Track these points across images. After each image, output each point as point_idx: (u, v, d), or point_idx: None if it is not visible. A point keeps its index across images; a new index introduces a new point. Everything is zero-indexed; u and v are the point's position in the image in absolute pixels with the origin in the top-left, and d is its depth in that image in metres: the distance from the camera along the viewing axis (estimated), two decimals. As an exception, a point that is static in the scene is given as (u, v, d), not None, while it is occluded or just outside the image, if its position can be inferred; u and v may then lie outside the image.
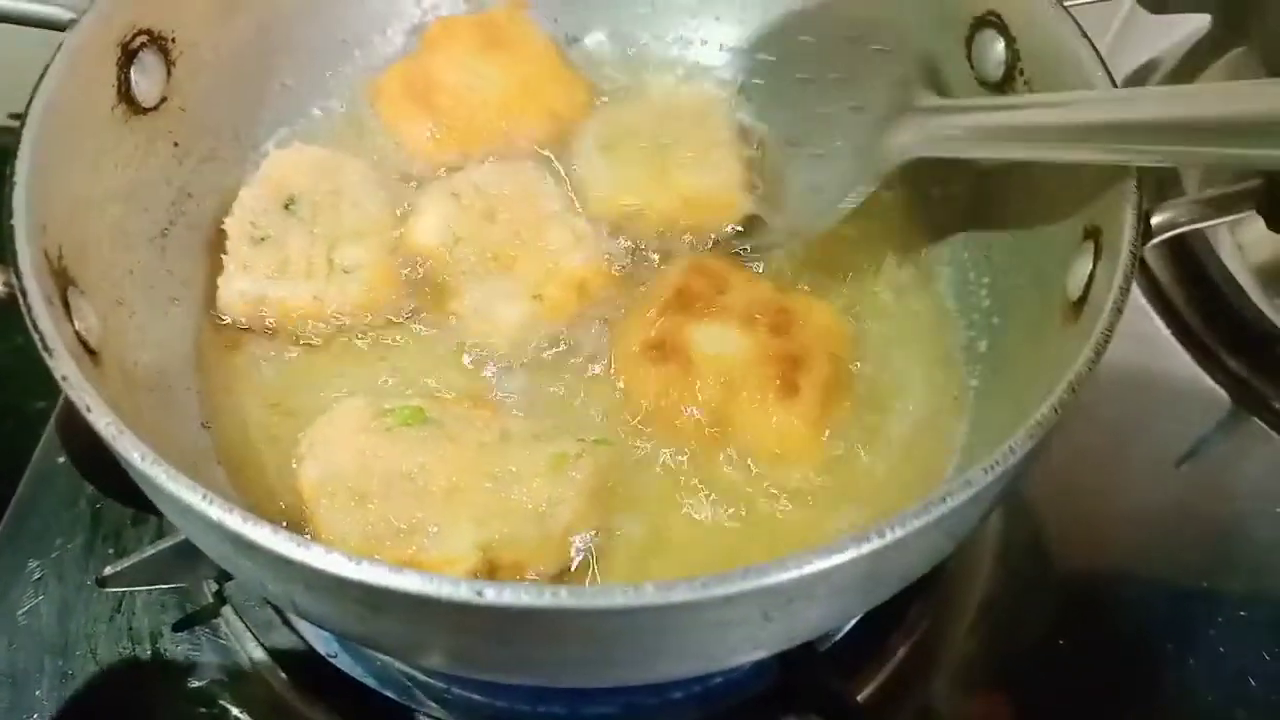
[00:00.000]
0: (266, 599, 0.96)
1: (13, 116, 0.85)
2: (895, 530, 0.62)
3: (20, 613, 0.99)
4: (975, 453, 0.91)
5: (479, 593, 0.60)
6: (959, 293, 1.03)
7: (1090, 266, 0.81)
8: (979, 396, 0.96)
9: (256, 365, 0.96)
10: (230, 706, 0.94)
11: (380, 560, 0.61)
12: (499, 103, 1.09)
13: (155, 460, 0.66)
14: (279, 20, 1.09)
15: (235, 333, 0.97)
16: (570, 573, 0.84)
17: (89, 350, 0.78)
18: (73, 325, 0.77)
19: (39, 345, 0.71)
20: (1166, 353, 1.15)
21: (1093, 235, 0.83)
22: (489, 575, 0.79)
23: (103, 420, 0.68)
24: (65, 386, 0.69)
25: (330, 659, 0.95)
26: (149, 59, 0.94)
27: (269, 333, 0.97)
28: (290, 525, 0.81)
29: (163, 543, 0.89)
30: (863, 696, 0.95)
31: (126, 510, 1.04)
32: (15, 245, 0.75)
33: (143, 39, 0.93)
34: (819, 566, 0.61)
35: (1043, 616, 1.00)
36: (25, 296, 0.72)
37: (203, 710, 0.94)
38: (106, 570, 0.89)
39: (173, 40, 0.96)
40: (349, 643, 0.96)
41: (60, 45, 0.86)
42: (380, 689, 0.94)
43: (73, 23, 0.87)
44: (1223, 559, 1.03)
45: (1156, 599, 1.01)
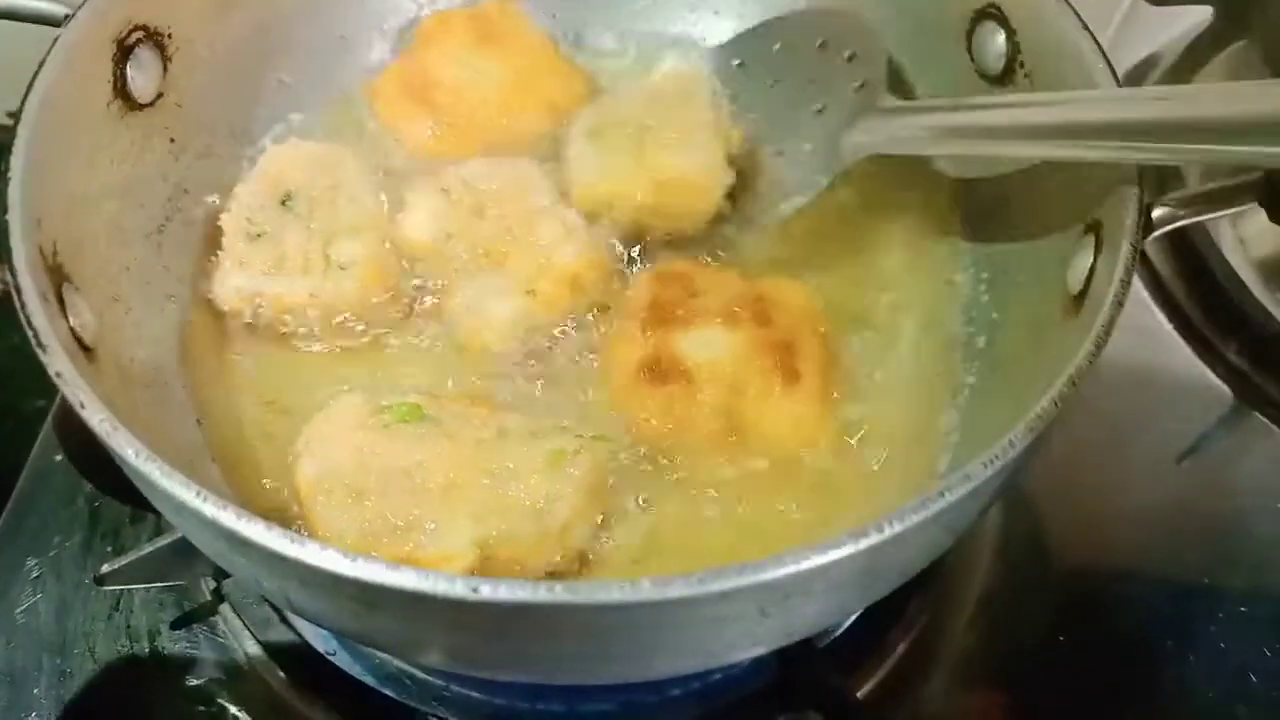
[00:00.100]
0: (263, 596, 0.96)
1: (11, 115, 0.85)
2: (893, 525, 0.62)
3: (18, 611, 0.99)
4: (968, 449, 0.91)
5: (475, 589, 0.59)
6: (957, 289, 1.02)
7: (1091, 260, 0.81)
8: (975, 393, 0.96)
9: (252, 361, 0.96)
10: (228, 704, 0.94)
11: (375, 557, 0.61)
12: (498, 97, 1.08)
13: (149, 457, 0.66)
14: (276, 16, 1.09)
15: (231, 329, 0.97)
16: (568, 570, 0.83)
17: (84, 347, 0.78)
18: (67, 322, 0.77)
19: (33, 342, 0.71)
20: (1167, 347, 1.15)
21: (1093, 229, 0.82)
22: (486, 572, 0.79)
23: (96, 417, 0.68)
24: (59, 383, 0.69)
25: (328, 657, 0.95)
26: (145, 55, 0.94)
27: (265, 329, 0.97)
28: (285, 522, 0.80)
29: (161, 540, 0.89)
30: (862, 693, 0.95)
31: (124, 508, 1.04)
32: (10, 241, 0.74)
33: (138, 35, 0.93)
34: (816, 562, 0.60)
35: (1043, 612, 1.00)
36: (20, 293, 0.72)
37: (201, 708, 0.94)
38: (104, 568, 0.89)
39: (169, 36, 0.96)
40: (347, 640, 0.95)
41: (56, 41, 0.85)
42: (378, 687, 0.94)
43: (68, 18, 0.87)
44: (1223, 555, 1.03)
45: (1157, 595, 1.01)
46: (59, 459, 1.07)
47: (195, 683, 0.95)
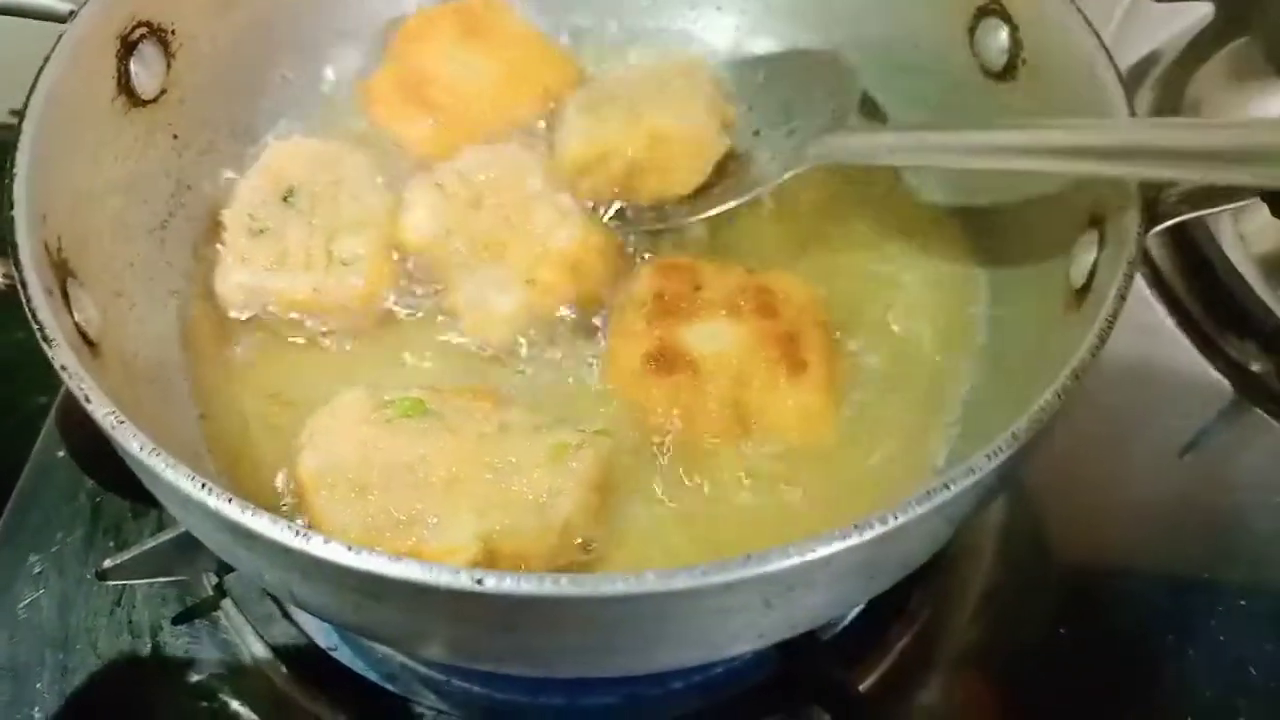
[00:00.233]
0: (265, 590, 0.96)
1: (13, 113, 0.85)
2: (897, 517, 0.62)
3: (20, 606, 0.99)
4: (968, 442, 0.91)
5: (479, 581, 0.59)
6: (958, 283, 1.02)
7: (1094, 254, 0.81)
8: (976, 386, 0.96)
9: (255, 357, 0.96)
10: (230, 700, 0.94)
11: (379, 550, 0.61)
12: (492, 90, 1.08)
13: (155, 450, 0.66)
14: (277, 13, 1.08)
15: (234, 325, 0.97)
16: (571, 563, 0.83)
17: (88, 342, 0.78)
18: (72, 317, 0.77)
19: (39, 336, 0.71)
20: (1168, 342, 1.15)
21: (1097, 223, 0.82)
22: (489, 566, 0.79)
23: (102, 410, 0.68)
24: (65, 377, 0.69)
25: (330, 652, 0.95)
26: (149, 51, 0.94)
27: (268, 325, 0.97)
28: (288, 517, 0.80)
29: (163, 536, 0.89)
30: (864, 687, 0.95)
31: (126, 504, 1.04)
32: (15, 236, 0.75)
33: (142, 31, 0.93)
34: (820, 553, 0.61)
35: (1043, 606, 1.00)
36: (25, 288, 0.72)
37: (203, 704, 0.94)
38: (106, 563, 0.89)
39: (172, 32, 0.96)
40: (349, 635, 0.96)
41: (61, 37, 0.86)
42: (380, 681, 0.94)
43: (72, 15, 0.87)
44: (1223, 549, 1.03)
45: (1157, 589, 1.01)
46: (61, 455, 1.07)
47: (197, 678, 0.95)
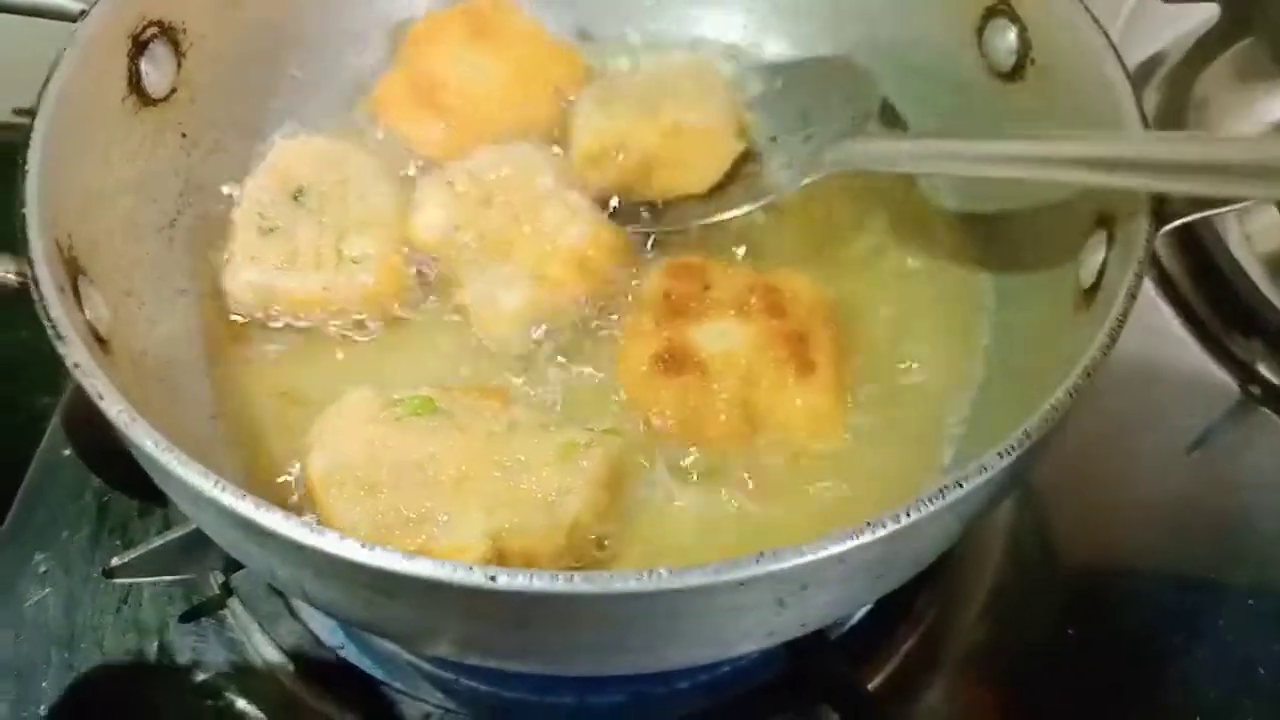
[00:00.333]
0: (274, 587, 0.96)
1: (17, 111, 0.85)
2: (910, 514, 0.62)
3: (27, 605, 0.98)
4: (974, 442, 0.91)
5: (492, 578, 0.60)
6: (966, 283, 1.02)
7: (1103, 254, 0.81)
8: (983, 386, 0.96)
9: (265, 356, 0.96)
10: (236, 698, 0.94)
11: (392, 547, 0.61)
12: (502, 90, 1.08)
13: (168, 447, 0.66)
14: (287, 12, 1.09)
15: (243, 324, 0.97)
16: (580, 562, 0.83)
17: (99, 339, 0.78)
18: (83, 314, 0.77)
19: (51, 333, 0.71)
20: (1174, 342, 1.15)
21: (1105, 223, 0.83)
22: (498, 564, 0.78)
23: (115, 408, 0.68)
24: (77, 374, 0.69)
25: (337, 650, 0.95)
26: (159, 50, 0.94)
27: (277, 323, 0.97)
28: (299, 514, 0.80)
29: (170, 534, 0.89)
30: (872, 686, 0.95)
31: (133, 503, 1.04)
32: (28, 234, 0.75)
33: (153, 30, 0.93)
34: (833, 551, 0.61)
35: (1050, 606, 1.00)
36: (38, 285, 0.72)
37: (209, 702, 0.94)
38: (114, 561, 0.89)
39: (183, 31, 0.97)
40: (356, 634, 0.96)
41: (72, 36, 0.86)
42: (387, 680, 0.94)
43: (84, 14, 0.87)
44: (1230, 549, 1.03)
45: (1164, 589, 1.01)
46: (67, 454, 1.07)
47: (203, 677, 0.95)
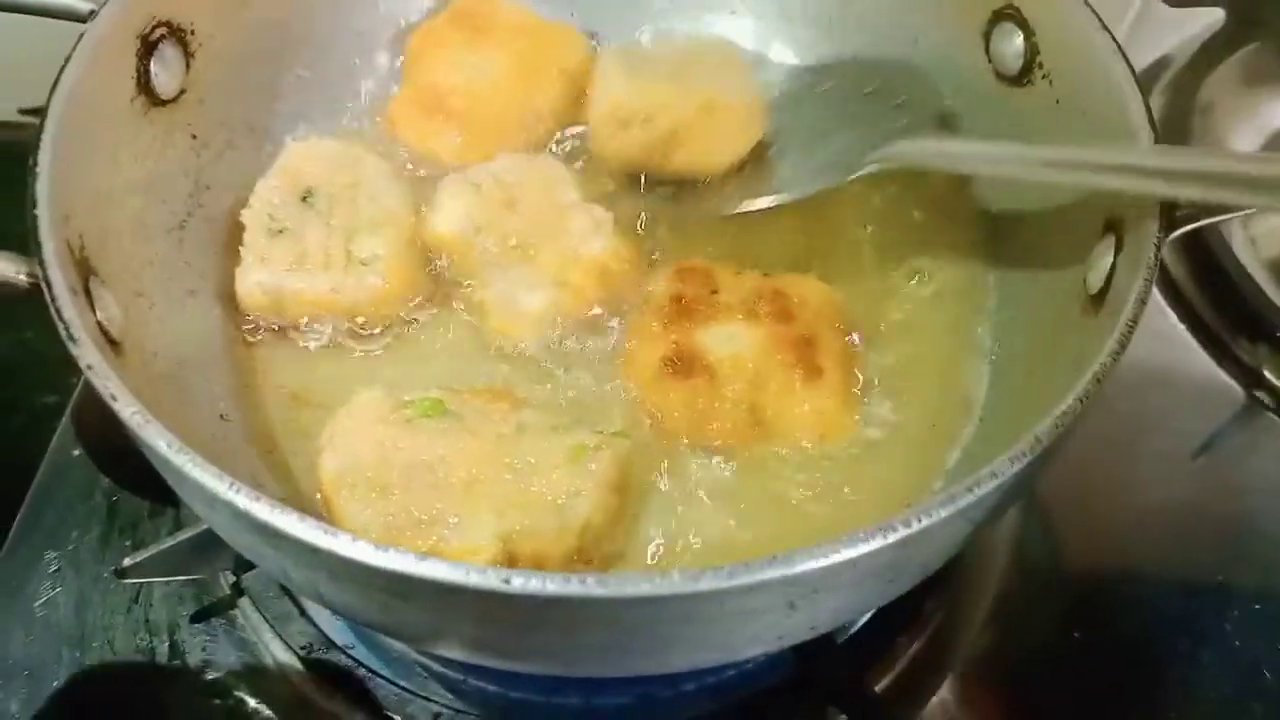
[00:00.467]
0: (285, 588, 0.97)
1: (24, 111, 0.86)
2: (921, 519, 0.62)
3: (37, 604, 0.99)
4: (981, 446, 0.92)
5: (507, 580, 0.60)
6: (974, 289, 1.02)
7: (1111, 259, 0.82)
8: (990, 390, 0.96)
9: (276, 357, 0.97)
10: (247, 698, 0.95)
11: (406, 549, 0.61)
12: (509, 83, 1.09)
13: (181, 449, 0.66)
14: (295, 13, 1.09)
15: (254, 324, 0.98)
16: (589, 564, 0.83)
17: (111, 341, 0.78)
18: (95, 316, 0.77)
19: (64, 334, 0.71)
20: (1180, 347, 1.16)
21: (1114, 228, 0.83)
22: (509, 566, 0.79)
23: (128, 409, 0.68)
24: (90, 375, 0.69)
25: (347, 650, 0.95)
26: (168, 51, 0.94)
27: (288, 325, 0.97)
28: (312, 516, 0.81)
29: (181, 535, 0.90)
30: (878, 688, 0.95)
31: (142, 503, 1.05)
32: (39, 235, 0.75)
33: (162, 31, 0.93)
34: (846, 555, 0.61)
35: (1056, 610, 1.01)
36: (50, 286, 0.73)
37: (219, 701, 0.95)
38: (125, 561, 0.90)
39: (191, 32, 0.97)
40: (366, 634, 0.96)
41: (81, 37, 0.86)
42: (396, 680, 0.95)
43: (93, 14, 0.88)
44: (1237, 553, 1.04)
45: (1170, 593, 1.01)
46: (77, 454, 1.08)
47: (214, 676, 0.96)
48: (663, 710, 0.95)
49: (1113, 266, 0.81)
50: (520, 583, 0.60)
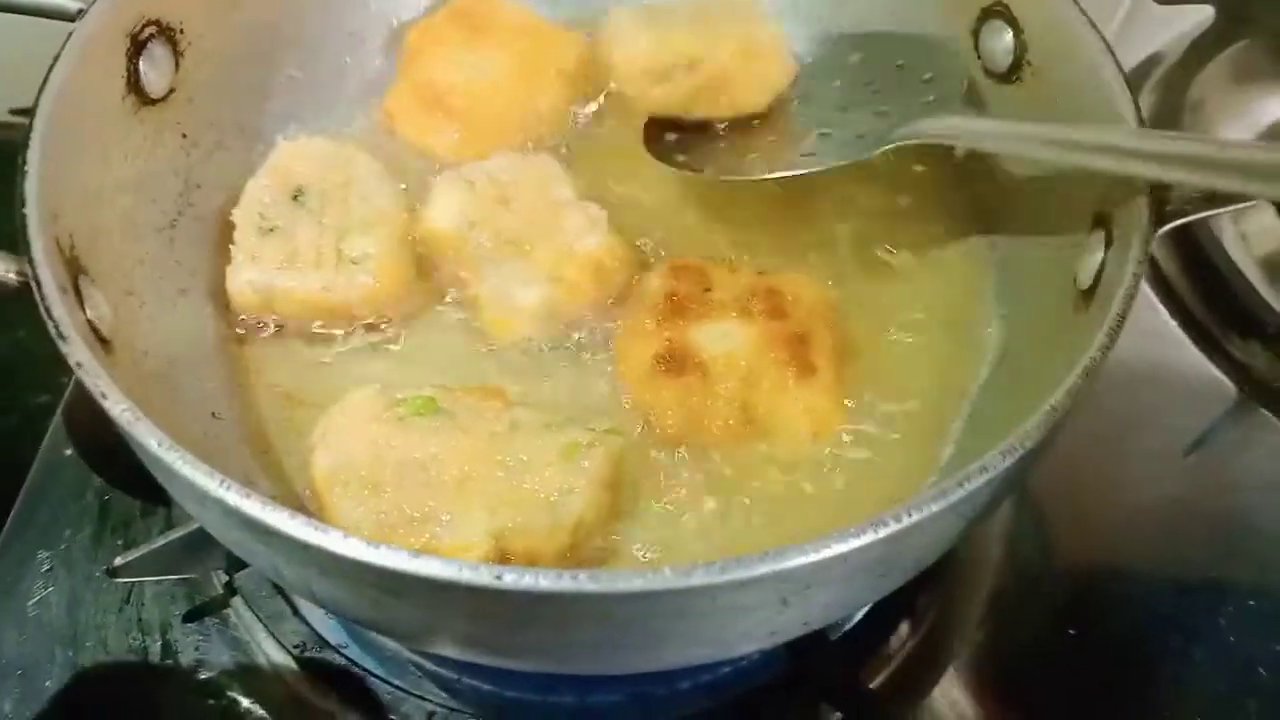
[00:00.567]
0: (279, 587, 0.96)
1: (14, 111, 0.85)
2: (912, 514, 0.62)
3: (30, 604, 0.99)
4: (973, 442, 0.91)
5: (498, 577, 0.60)
6: (967, 285, 1.02)
7: (1101, 254, 0.82)
8: (983, 388, 0.96)
9: (268, 356, 0.96)
10: (240, 697, 0.95)
11: (398, 546, 0.61)
12: (509, 84, 1.09)
13: (171, 446, 0.66)
14: (285, 12, 1.09)
15: (245, 323, 0.98)
16: (582, 562, 0.84)
17: (101, 339, 0.78)
18: (85, 314, 0.77)
19: (53, 333, 0.71)
20: (1172, 343, 1.16)
21: (1103, 223, 0.83)
22: (501, 563, 0.79)
23: (118, 407, 0.68)
24: (80, 373, 0.69)
25: (341, 649, 0.95)
26: (158, 50, 0.94)
27: (278, 323, 0.97)
28: (304, 513, 0.81)
29: (173, 534, 0.90)
30: (873, 685, 0.95)
31: (134, 502, 1.05)
32: (29, 234, 0.75)
33: (151, 30, 0.93)
34: (837, 550, 0.61)
35: (1050, 607, 1.01)
36: (39, 285, 0.73)
37: (212, 701, 0.94)
38: (117, 561, 0.89)
39: (181, 31, 0.97)
40: (359, 633, 0.96)
41: (70, 36, 0.86)
42: (389, 679, 0.95)
43: (82, 13, 0.88)
44: (1230, 549, 1.04)
45: (1164, 590, 1.01)
46: (69, 453, 1.08)
47: (207, 676, 0.96)
48: (657, 708, 0.95)
49: (1102, 262, 0.81)
50: (512, 579, 0.60)
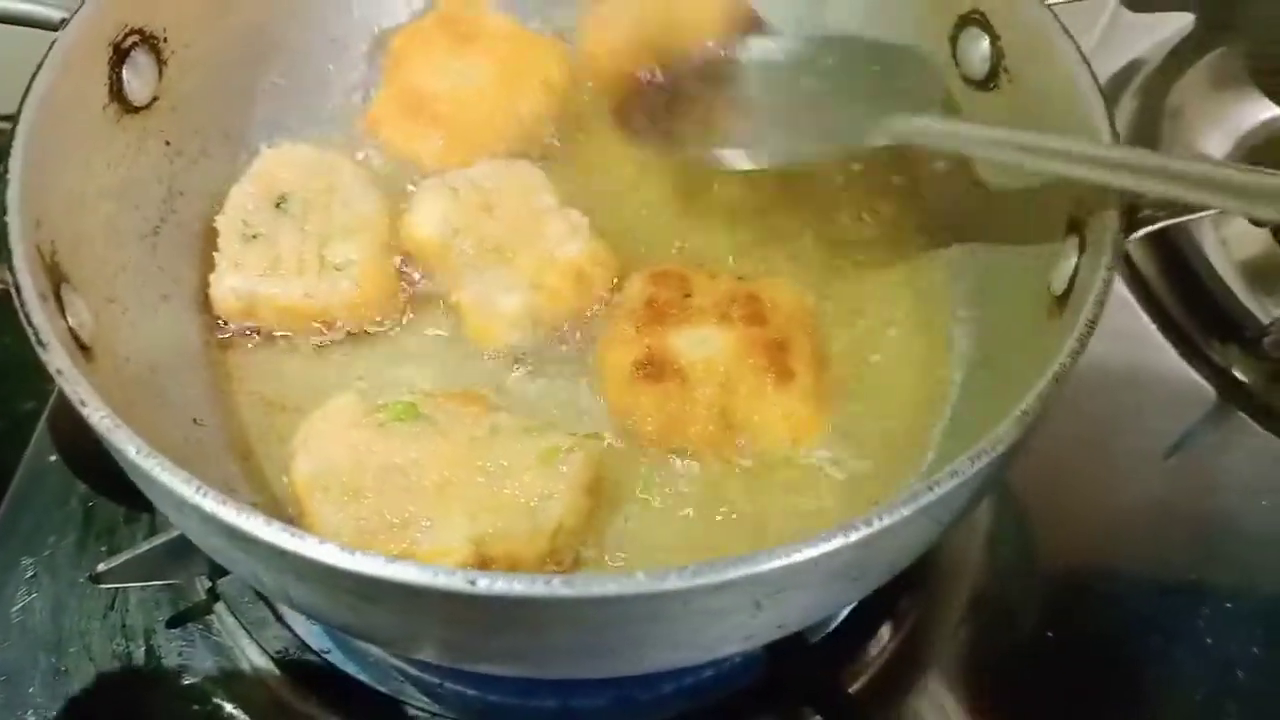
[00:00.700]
0: (260, 592, 0.97)
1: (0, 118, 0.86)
2: (883, 519, 0.63)
3: (14, 610, 0.99)
4: (954, 445, 0.92)
5: (472, 582, 0.60)
6: (943, 292, 1.03)
7: (1075, 260, 0.82)
8: (962, 393, 0.97)
9: (250, 362, 0.97)
10: (223, 703, 0.95)
11: (374, 551, 0.62)
12: (492, 91, 1.09)
13: (150, 453, 0.66)
14: (269, 20, 1.09)
15: (227, 330, 0.98)
16: (562, 566, 0.84)
17: (82, 346, 0.79)
18: (66, 321, 0.77)
19: (33, 340, 0.71)
20: (1151, 347, 1.16)
21: (1076, 229, 0.84)
22: (481, 569, 0.79)
23: (97, 414, 0.68)
24: (60, 380, 0.70)
25: (324, 655, 0.96)
26: (141, 58, 0.94)
27: (261, 330, 0.98)
28: (285, 520, 0.81)
29: (156, 540, 0.89)
30: (853, 689, 0.96)
31: (119, 508, 1.05)
32: (9, 241, 0.75)
33: (134, 38, 0.93)
34: (808, 555, 0.61)
35: (1031, 609, 1.01)
36: (20, 292, 0.73)
37: (196, 707, 0.94)
38: (101, 566, 0.89)
39: (164, 39, 0.97)
40: (342, 638, 0.96)
41: (52, 44, 0.86)
42: (372, 684, 0.95)
43: (65, 22, 0.88)
44: (1209, 552, 1.04)
45: (1144, 592, 1.02)
46: (53, 460, 1.08)
47: (190, 681, 0.96)
48: (639, 712, 0.95)
49: (1076, 268, 0.82)
50: (486, 584, 0.60)
